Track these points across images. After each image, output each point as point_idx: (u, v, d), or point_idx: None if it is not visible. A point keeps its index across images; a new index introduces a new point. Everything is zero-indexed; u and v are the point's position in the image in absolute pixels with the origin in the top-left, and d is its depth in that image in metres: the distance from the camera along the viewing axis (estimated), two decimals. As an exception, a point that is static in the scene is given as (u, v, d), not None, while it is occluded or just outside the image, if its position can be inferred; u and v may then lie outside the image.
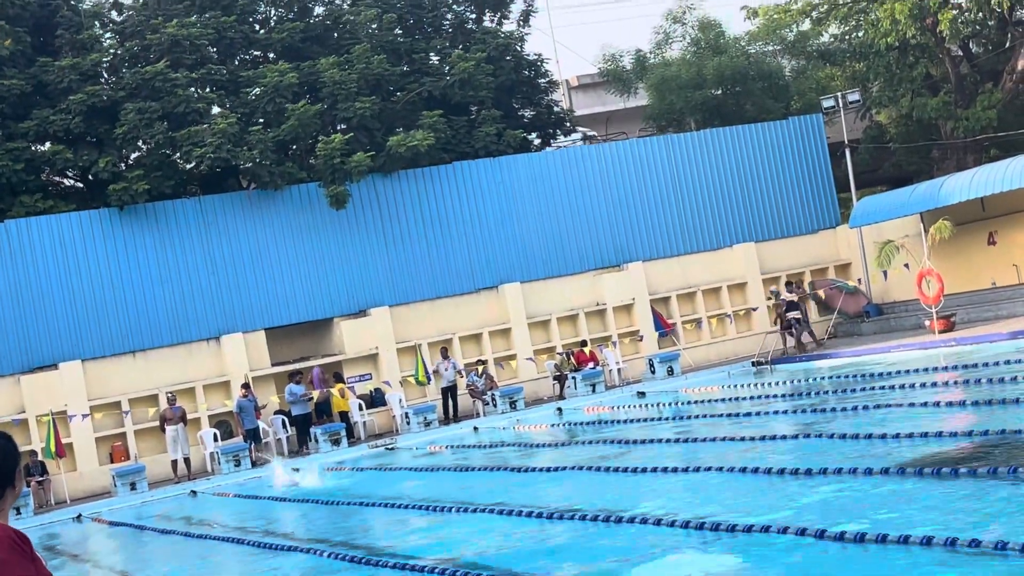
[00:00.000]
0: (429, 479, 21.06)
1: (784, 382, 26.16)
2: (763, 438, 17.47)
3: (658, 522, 12.60)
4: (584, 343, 32.02)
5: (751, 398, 23.60)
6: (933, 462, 13.16)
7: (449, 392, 29.93)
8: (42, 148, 30.62)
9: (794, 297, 32.00)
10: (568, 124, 39.54)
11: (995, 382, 19.14)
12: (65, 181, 32.85)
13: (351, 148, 29.97)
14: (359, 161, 29.45)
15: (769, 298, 33.73)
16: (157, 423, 27.49)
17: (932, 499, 11.73)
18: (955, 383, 20.97)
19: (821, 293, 34.48)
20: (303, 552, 15.15)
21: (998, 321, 28.44)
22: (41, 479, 26.34)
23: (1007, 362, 21.25)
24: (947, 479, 12.23)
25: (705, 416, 22.05)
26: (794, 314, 31.68)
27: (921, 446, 14.55)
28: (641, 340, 33.14)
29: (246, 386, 27.96)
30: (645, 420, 23.46)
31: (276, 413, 29.16)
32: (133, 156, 31.19)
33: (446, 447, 25.14)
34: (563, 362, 31.04)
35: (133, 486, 25.81)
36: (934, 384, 20.85)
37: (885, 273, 32.45)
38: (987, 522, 10.38)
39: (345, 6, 35.65)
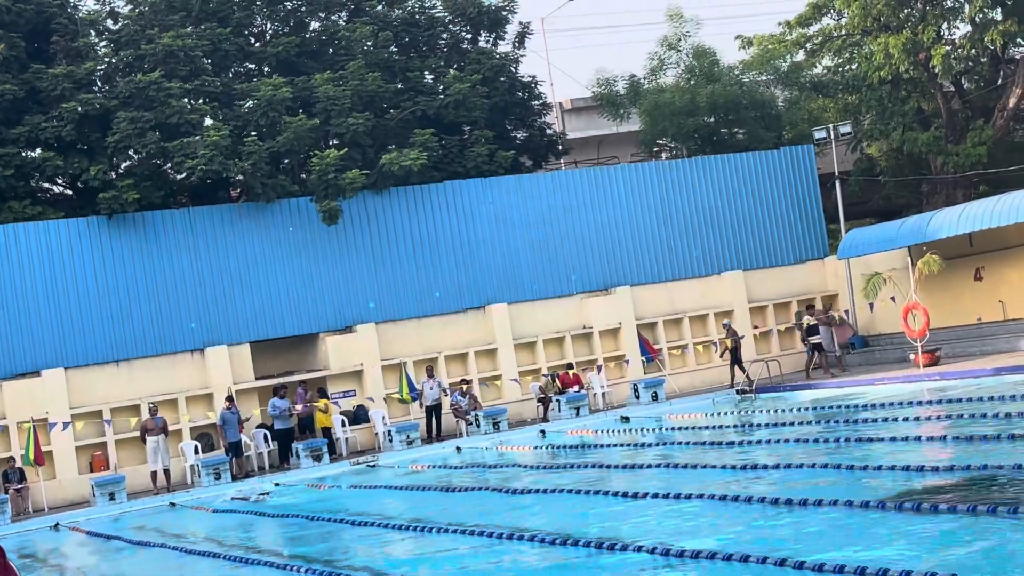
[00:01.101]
0: (410, 498, 20.99)
1: (768, 411, 26.18)
2: (744, 467, 17.45)
3: (638, 548, 12.57)
4: (570, 366, 31.99)
5: (735, 427, 23.59)
6: (914, 496, 13.16)
7: (433, 411, 29.87)
8: (32, 154, 30.53)
9: (814, 321, 31.99)
10: (560, 147, 39.60)
11: (978, 417, 19.17)
12: (54, 188, 32.77)
13: (345, 164, 29.98)
14: (354, 178, 29.47)
15: (754, 332, 33.72)
16: (138, 434, 27.36)
17: (912, 533, 11.71)
18: (938, 418, 20.99)
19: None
20: (280, 568, 15.07)
21: (983, 357, 28.52)
22: (19, 486, 26.19)
23: (991, 398, 21.28)
24: (927, 514, 12.21)
25: (688, 443, 22.02)
26: (815, 338, 31.73)
27: (902, 480, 14.55)
28: (627, 364, 33.14)
29: (230, 399, 27.87)
30: (628, 445, 23.43)
31: (258, 427, 29.07)
32: (124, 165, 31.12)
33: (428, 466, 25.07)
34: (548, 384, 31.02)
35: (112, 496, 25.67)
36: (917, 418, 20.87)
37: (871, 305, 32.50)
38: (970, 557, 10.36)
39: (341, 22, 35.69)
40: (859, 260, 33.99)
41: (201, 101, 32.06)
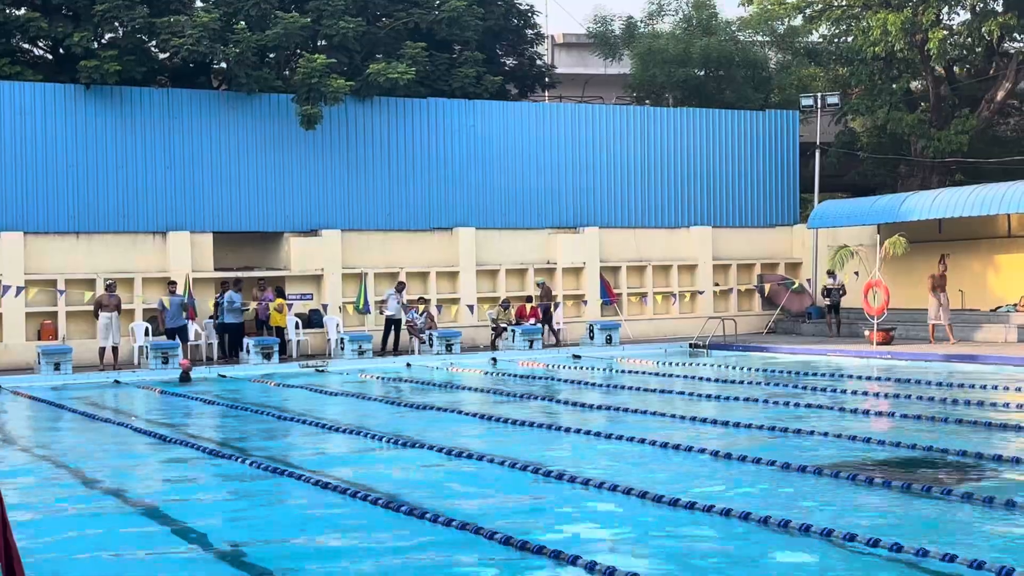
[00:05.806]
0: (352, 404, 21.10)
1: (718, 367, 26.43)
2: (682, 417, 17.63)
3: (571, 478, 12.71)
4: (529, 299, 32.09)
5: (683, 377, 23.81)
6: (841, 465, 13.36)
7: (394, 325, 29.94)
8: (17, 12, 30.05)
9: (834, 284, 31.94)
10: (548, 80, 39.39)
11: (924, 399, 19.42)
12: (35, 50, 32.31)
13: (331, 69, 29.66)
14: (338, 87, 29.15)
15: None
16: (91, 308, 27.24)
17: (832, 497, 11.91)
18: (884, 395, 21.25)
19: (767, 287, 34.80)
20: (218, 455, 15.14)
21: (936, 343, 28.83)
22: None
23: (939, 384, 21.56)
24: (861, 485, 12.40)
25: (635, 388, 22.21)
26: (831, 299, 31.96)
27: (836, 448, 14.77)
28: (585, 305, 33.28)
29: (173, 283, 27.62)
30: (576, 382, 23.60)
31: (211, 318, 29.00)
32: (108, 36, 30.70)
33: (376, 377, 25.17)
34: (500, 313, 31.18)
35: (57, 366, 25.61)
36: (865, 393, 21.12)
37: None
38: (899, 527, 10.56)
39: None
40: (828, 231, 34.22)
41: (194, -18, 31.59)
